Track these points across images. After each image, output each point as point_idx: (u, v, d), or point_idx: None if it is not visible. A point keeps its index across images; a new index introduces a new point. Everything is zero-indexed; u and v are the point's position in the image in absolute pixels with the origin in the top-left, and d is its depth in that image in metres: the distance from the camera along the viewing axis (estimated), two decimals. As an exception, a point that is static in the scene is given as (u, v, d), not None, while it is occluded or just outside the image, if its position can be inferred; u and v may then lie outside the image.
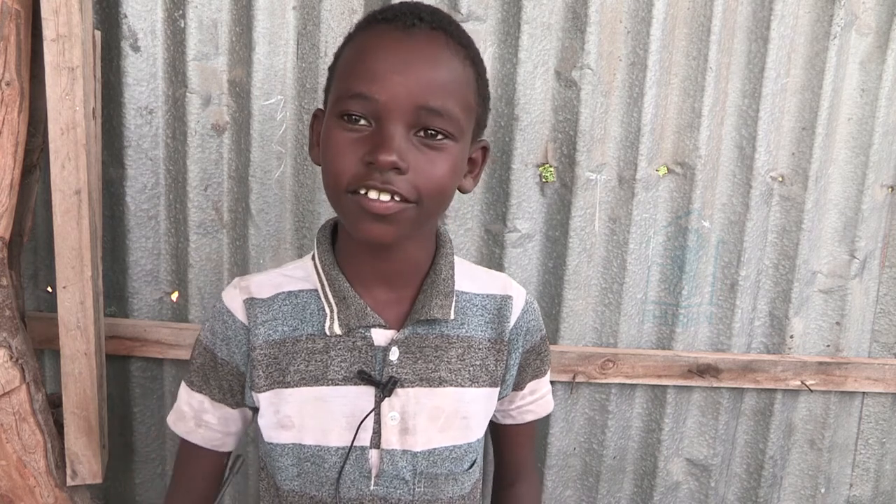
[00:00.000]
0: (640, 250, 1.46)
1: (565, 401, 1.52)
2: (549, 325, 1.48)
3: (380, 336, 0.90)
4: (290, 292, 0.92)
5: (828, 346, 1.58)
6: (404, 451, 0.90)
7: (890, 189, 1.52)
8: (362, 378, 0.89)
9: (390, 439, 0.90)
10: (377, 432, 0.90)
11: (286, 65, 1.35)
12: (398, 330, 0.90)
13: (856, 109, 1.47)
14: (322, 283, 0.91)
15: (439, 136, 0.80)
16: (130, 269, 1.42)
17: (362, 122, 0.79)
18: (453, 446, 0.93)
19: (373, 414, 0.89)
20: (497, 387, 0.96)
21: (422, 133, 0.80)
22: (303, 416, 0.90)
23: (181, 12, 1.33)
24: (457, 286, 0.93)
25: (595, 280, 1.47)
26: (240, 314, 0.92)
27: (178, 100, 1.36)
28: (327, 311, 0.89)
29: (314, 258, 0.94)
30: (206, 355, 0.94)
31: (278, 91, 1.35)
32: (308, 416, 0.90)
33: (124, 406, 1.48)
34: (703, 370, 1.50)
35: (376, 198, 0.78)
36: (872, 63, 1.45)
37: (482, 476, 1.05)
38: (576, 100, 1.38)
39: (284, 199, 1.39)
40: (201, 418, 0.96)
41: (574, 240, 1.43)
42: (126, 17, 1.32)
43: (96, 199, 1.24)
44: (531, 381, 1.02)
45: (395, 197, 0.79)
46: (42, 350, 1.41)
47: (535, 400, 1.04)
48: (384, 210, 0.79)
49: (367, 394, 0.89)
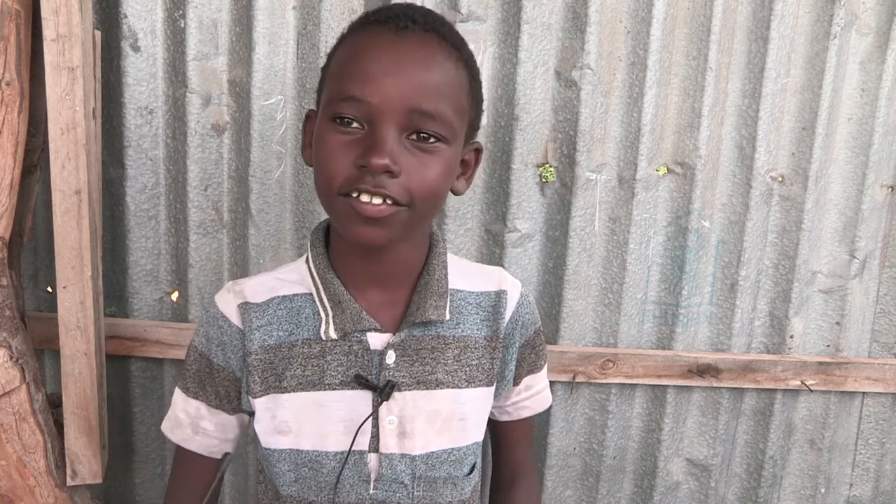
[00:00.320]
0: (640, 250, 1.46)
1: (565, 401, 1.52)
2: (549, 325, 1.48)
3: (376, 340, 0.89)
4: (284, 296, 0.92)
5: (828, 346, 1.58)
6: (403, 455, 0.90)
7: (890, 189, 1.52)
8: (359, 382, 0.88)
9: (389, 443, 0.89)
10: (375, 436, 0.89)
11: (286, 65, 1.35)
12: (394, 333, 0.90)
13: (856, 109, 1.47)
14: (317, 287, 0.90)
15: (432, 140, 0.80)
16: (130, 269, 1.42)
17: (355, 124, 0.79)
18: (451, 449, 0.93)
19: (370, 418, 0.89)
20: (493, 385, 0.96)
21: (414, 136, 0.79)
22: (300, 422, 0.90)
23: (181, 12, 1.33)
24: (451, 284, 0.93)
25: (595, 280, 1.47)
26: (235, 319, 0.91)
27: (178, 100, 1.36)
28: (322, 315, 0.89)
29: (308, 261, 0.93)
30: (201, 361, 0.93)
31: (278, 91, 1.35)
32: (305, 422, 0.90)
33: (124, 406, 1.48)
34: (703, 370, 1.50)
35: (368, 201, 0.78)
36: (872, 63, 1.45)
37: (482, 480, 1.04)
38: (576, 100, 1.38)
39: (284, 199, 1.39)
40: (198, 425, 0.95)
41: (574, 240, 1.43)
42: (126, 17, 1.32)
43: (96, 199, 1.24)
44: (527, 376, 1.01)
45: (388, 200, 0.78)
46: (42, 350, 1.41)
47: (532, 395, 1.03)
48: (376, 213, 0.78)
49: (364, 398, 0.89)
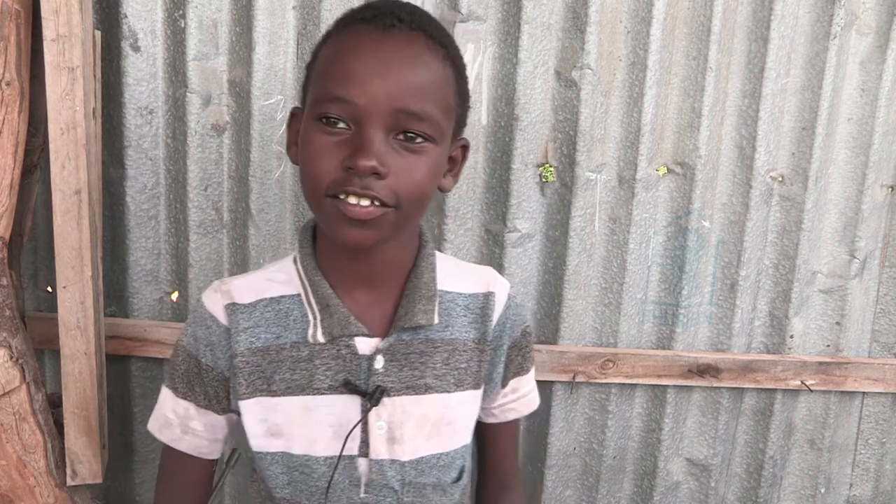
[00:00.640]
0: (640, 250, 1.46)
1: (565, 401, 1.52)
2: (549, 325, 1.48)
3: (364, 344, 0.88)
4: (272, 298, 0.90)
5: (828, 346, 1.58)
6: (392, 461, 0.90)
7: (890, 189, 1.52)
8: (348, 388, 0.87)
9: (378, 449, 0.89)
10: (365, 441, 0.89)
11: (286, 65, 1.35)
12: (382, 337, 0.89)
13: (856, 109, 1.47)
14: (305, 289, 0.89)
15: (419, 140, 0.79)
16: (130, 269, 1.42)
17: (341, 125, 0.78)
18: (440, 454, 0.92)
19: (360, 424, 0.88)
20: (481, 388, 0.95)
21: (401, 136, 0.78)
22: (290, 426, 0.89)
23: (181, 12, 1.33)
24: (440, 286, 0.92)
25: (595, 280, 1.47)
26: (222, 319, 0.90)
27: (178, 100, 1.36)
28: (310, 318, 0.88)
29: (296, 261, 0.92)
30: (189, 361, 0.92)
31: (278, 91, 1.35)
32: (295, 426, 0.89)
33: (124, 406, 1.48)
34: (703, 370, 1.50)
35: (356, 203, 0.77)
36: (872, 63, 1.45)
37: (471, 486, 1.03)
38: (576, 100, 1.38)
39: (284, 199, 1.39)
40: (187, 425, 0.93)
41: (574, 240, 1.43)
42: (126, 17, 1.32)
43: (96, 199, 1.24)
44: (513, 378, 1.00)
45: (375, 202, 0.77)
46: (42, 350, 1.41)
47: (518, 398, 1.02)
48: (364, 215, 0.77)
49: (353, 403, 0.88)
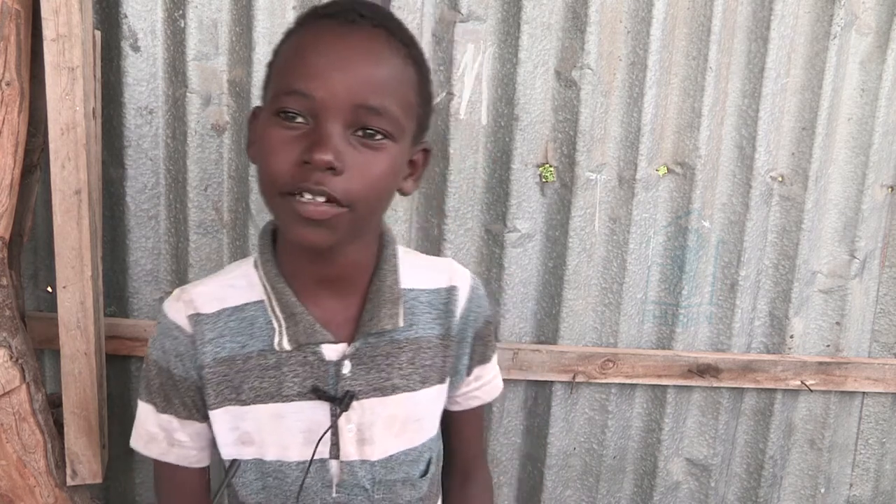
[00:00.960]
0: (640, 250, 1.46)
1: (565, 401, 1.52)
2: (549, 325, 1.48)
3: (330, 351, 0.88)
4: (235, 307, 0.89)
5: (828, 346, 1.58)
6: (363, 462, 0.90)
7: (890, 189, 1.52)
8: (317, 394, 0.87)
9: (349, 450, 0.90)
10: (336, 444, 0.89)
11: (286, 65, 1.35)
12: (348, 342, 0.88)
13: (856, 109, 1.47)
14: (269, 296, 0.88)
15: (378, 136, 0.78)
16: (130, 269, 1.42)
17: (299, 119, 0.77)
18: (409, 449, 0.93)
19: (330, 428, 0.89)
20: (446, 381, 0.96)
21: (360, 132, 0.77)
22: (262, 433, 0.89)
23: (181, 12, 1.33)
24: (403, 284, 0.91)
25: (595, 280, 1.47)
26: (187, 328, 0.89)
27: (178, 100, 1.36)
28: (275, 325, 0.87)
29: (257, 266, 0.90)
30: (162, 374, 0.91)
31: (278, 91, 1.35)
32: (266, 433, 0.89)
33: (124, 406, 1.48)
34: (703, 370, 1.50)
35: (311, 199, 0.76)
36: (872, 63, 1.45)
37: (439, 474, 1.04)
38: (576, 100, 1.38)
39: (284, 199, 1.39)
40: (173, 437, 0.93)
41: (574, 240, 1.43)
42: (126, 17, 1.32)
43: (96, 199, 1.23)
44: (477, 366, 1.00)
45: (330, 201, 0.76)
46: (42, 350, 1.41)
47: (481, 385, 1.02)
48: (318, 215, 0.76)
49: (322, 408, 0.88)
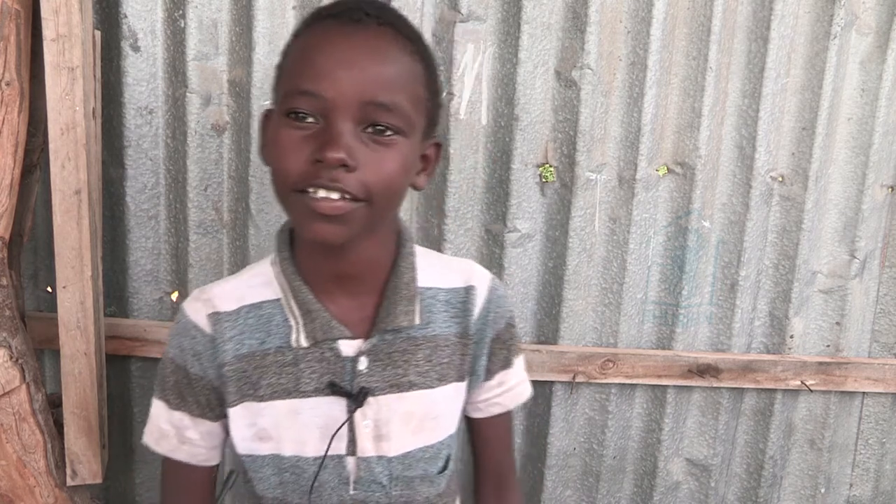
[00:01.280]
0: (640, 250, 1.46)
1: (565, 401, 1.52)
2: (549, 325, 1.48)
3: (347, 346, 0.89)
4: (253, 304, 0.90)
5: (828, 346, 1.58)
6: (380, 458, 0.91)
7: (890, 189, 1.52)
8: (333, 390, 0.88)
9: (365, 447, 0.90)
10: (352, 440, 0.90)
11: (286, 65, 1.35)
12: (365, 339, 0.89)
13: (856, 109, 1.47)
14: (285, 294, 0.89)
15: (388, 132, 0.79)
16: (130, 269, 1.42)
17: (310, 119, 0.78)
18: (427, 446, 0.93)
19: (347, 423, 0.89)
20: (464, 380, 0.95)
21: (370, 129, 0.78)
22: (279, 429, 0.90)
23: (181, 12, 1.33)
24: (420, 282, 0.91)
25: (595, 280, 1.47)
26: (206, 328, 0.90)
27: (178, 100, 1.36)
28: (292, 323, 0.88)
29: (274, 265, 0.91)
30: (178, 372, 0.92)
31: (278, 91, 1.35)
32: (283, 428, 0.90)
33: (124, 406, 1.48)
34: (703, 370, 1.50)
35: (325, 196, 0.76)
36: (872, 63, 1.45)
37: (457, 471, 1.04)
38: (576, 100, 1.38)
39: (284, 199, 1.39)
40: (184, 435, 0.93)
41: (574, 240, 1.43)
42: (126, 17, 1.32)
43: (96, 199, 1.23)
44: (499, 371, 1.00)
45: (345, 196, 0.77)
46: (42, 350, 1.41)
47: (504, 392, 1.01)
48: (333, 210, 0.77)
49: (338, 404, 0.89)
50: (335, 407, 0.89)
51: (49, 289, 1.42)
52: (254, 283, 0.91)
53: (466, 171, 1.40)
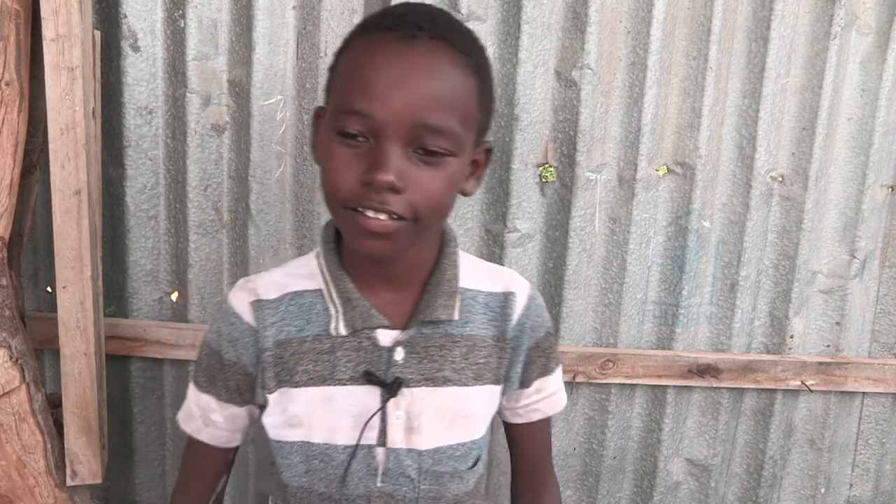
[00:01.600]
0: (640, 250, 1.46)
1: (565, 401, 1.52)
2: (549, 325, 1.48)
3: (385, 336, 0.90)
4: (295, 292, 0.92)
5: (828, 346, 1.58)
6: (410, 450, 0.92)
7: (890, 189, 1.52)
8: (368, 378, 0.90)
9: (395, 438, 0.91)
10: (383, 431, 0.91)
11: (286, 65, 1.35)
12: (403, 330, 0.91)
13: (856, 109, 1.47)
14: (327, 284, 0.91)
15: (437, 154, 0.80)
16: (130, 269, 1.42)
17: (360, 137, 0.79)
18: (458, 444, 0.94)
19: (379, 413, 0.90)
20: (500, 384, 0.97)
21: (420, 150, 0.79)
22: (311, 416, 0.91)
23: (181, 12, 1.33)
24: (461, 283, 0.94)
25: (595, 280, 1.47)
26: (247, 316, 0.92)
27: (178, 100, 1.36)
28: (332, 311, 0.90)
29: (318, 257, 0.94)
30: (212, 356, 0.95)
31: (278, 91, 1.35)
32: (316, 416, 0.91)
33: (124, 406, 1.48)
34: (703, 370, 1.50)
35: (373, 216, 0.78)
36: (873, 63, 1.45)
37: (486, 472, 1.05)
38: (576, 100, 1.38)
39: (284, 199, 1.39)
40: (209, 418, 0.97)
41: (574, 240, 1.43)
42: (126, 17, 1.32)
43: (96, 199, 1.24)
44: (537, 378, 1.02)
45: (393, 216, 0.79)
46: (42, 350, 1.41)
47: (543, 398, 1.04)
48: (381, 229, 0.79)
49: (373, 393, 0.90)
50: (370, 396, 0.90)
51: (49, 289, 1.42)
52: (297, 274, 0.94)
53: (466, 171, 1.40)
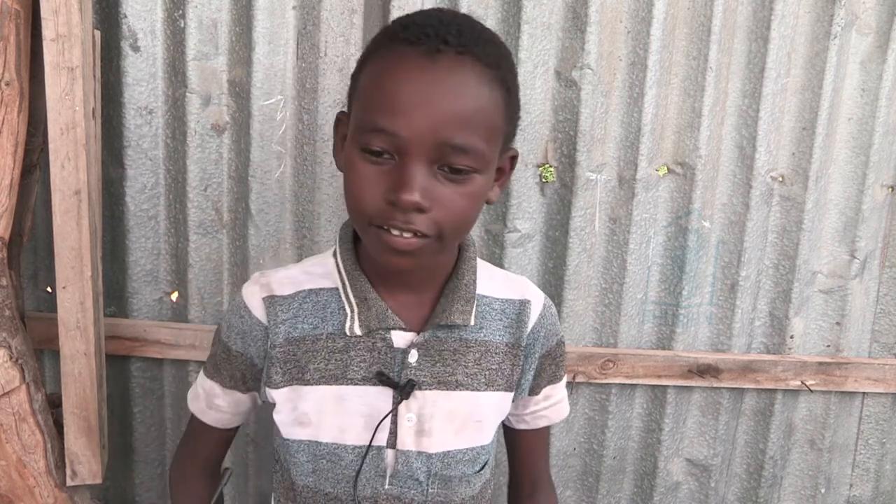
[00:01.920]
0: (640, 250, 1.46)
1: (565, 401, 1.52)
2: (549, 325, 1.48)
3: (399, 338, 0.90)
4: (310, 290, 0.93)
5: (828, 346, 1.58)
6: (419, 453, 0.92)
7: (890, 189, 1.52)
8: (381, 379, 0.90)
9: (406, 440, 0.91)
10: (393, 433, 0.91)
11: (286, 65, 1.35)
12: (418, 333, 0.91)
13: (856, 109, 1.47)
14: (343, 283, 0.91)
15: (463, 172, 0.79)
16: (130, 269, 1.42)
17: (385, 154, 0.78)
18: (467, 448, 0.94)
19: (390, 415, 0.90)
20: (512, 391, 0.97)
21: (446, 167, 0.79)
22: (320, 414, 0.91)
23: (181, 12, 1.33)
24: (477, 290, 0.94)
25: (595, 280, 1.47)
26: (258, 312, 0.92)
27: (178, 100, 1.36)
28: (348, 311, 0.90)
29: (335, 255, 0.94)
30: (220, 346, 0.97)
31: (278, 91, 1.35)
32: (326, 415, 0.91)
33: (124, 406, 1.48)
34: (703, 370, 1.50)
35: (398, 235, 0.79)
36: (873, 63, 1.45)
37: (492, 477, 1.05)
38: (576, 100, 1.38)
39: (284, 199, 1.39)
40: (212, 401, 1.00)
41: (574, 240, 1.43)
42: (126, 17, 1.32)
43: (96, 199, 1.24)
44: (546, 386, 1.03)
45: (417, 233, 0.79)
46: (42, 350, 1.41)
47: (550, 406, 1.04)
48: (406, 247, 0.79)
49: (385, 394, 0.90)
50: (381, 397, 0.90)
51: (49, 289, 1.42)
52: (314, 272, 0.94)
53: (466, 171, 1.40)
